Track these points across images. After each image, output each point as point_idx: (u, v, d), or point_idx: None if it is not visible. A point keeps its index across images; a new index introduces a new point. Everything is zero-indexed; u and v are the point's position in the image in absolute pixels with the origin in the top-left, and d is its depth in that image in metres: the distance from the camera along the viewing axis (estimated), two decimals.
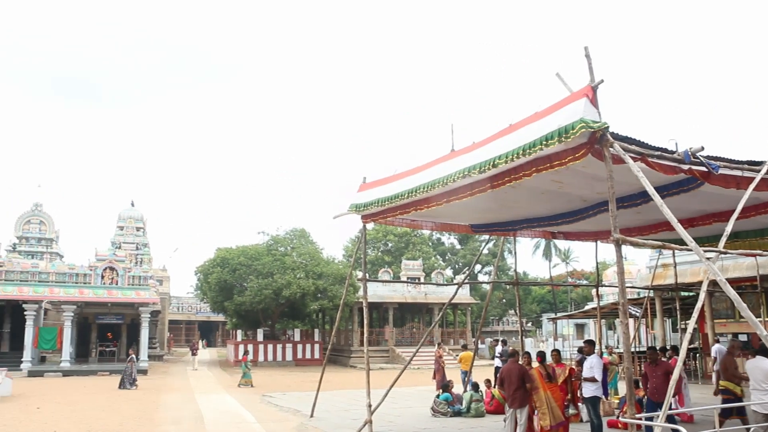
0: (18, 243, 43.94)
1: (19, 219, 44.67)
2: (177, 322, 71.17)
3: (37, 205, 45.42)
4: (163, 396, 22.67)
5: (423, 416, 16.27)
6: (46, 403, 20.43)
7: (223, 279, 39.79)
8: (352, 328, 43.82)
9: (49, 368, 33.19)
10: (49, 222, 45.34)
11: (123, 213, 51.28)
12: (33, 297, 33.26)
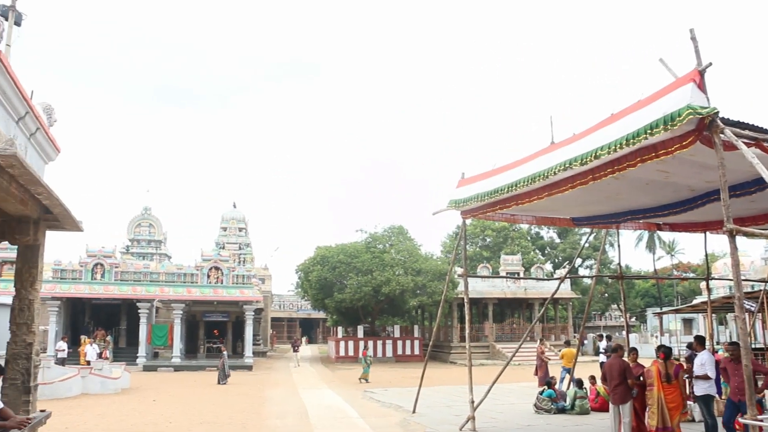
0: (130, 245, 46.20)
1: (130, 223, 46.96)
2: (279, 320, 72.96)
3: (146, 209, 47.63)
4: (268, 391, 23.30)
5: (526, 413, 16.06)
6: (160, 395, 21.40)
7: (324, 277, 40.49)
8: (452, 324, 43.69)
9: (161, 363, 34.77)
10: (158, 225, 47.44)
11: (226, 214, 52.96)
12: (146, 296, 34.88)
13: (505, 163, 11.40)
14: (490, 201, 11.70)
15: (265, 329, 52.26)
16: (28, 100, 6.83)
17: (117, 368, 24.71)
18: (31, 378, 8.09)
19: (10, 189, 6.44)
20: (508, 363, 15.21)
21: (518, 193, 10.75)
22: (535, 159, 10.32)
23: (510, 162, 11.24)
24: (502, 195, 11.11)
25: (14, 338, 8.07)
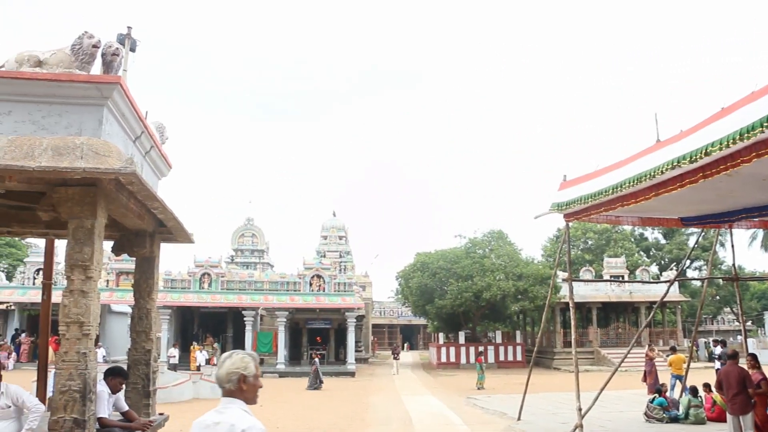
0: (235, 255, 47.75)
1: (234, 233, 48.55)
2: (380, 326, 73.50)
3: (249, 219, 49.15)
4: (371, 397, 23.52)
5: (636, 421, 15.52)
6: (266, 401, 21.95)
7: (424, 283, 40.58)
8: (554, 329, 42.84)
9: (266, 369, 35.65)
10: (260, 235, 48.82)
11: (326, 223, 53.91)
12: (250, 304, 35.96)
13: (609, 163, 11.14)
14: (594, 203, 11.43)
15: (366, 336, 52.79)
16: (143, 120, 7.20)
17: None
18: (150, 383, 8.49)
19: (128, 205, 6.81)
20: (616, 369, 14.73)
21: (624, 194, 10.46)
22: (640, 158, 10.01)
23: (614, 162, 10.97)
24: (606, 196, 10.84)
25: (134, 345, 8.50)
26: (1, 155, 5.74)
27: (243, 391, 3.43)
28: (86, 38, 6.49)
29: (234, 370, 3.41)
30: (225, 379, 3.41)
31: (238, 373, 3.41)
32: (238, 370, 3.41)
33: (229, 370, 3.41)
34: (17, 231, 9.08)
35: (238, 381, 3.41)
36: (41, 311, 8.87)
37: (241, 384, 3.42)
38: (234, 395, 3.43)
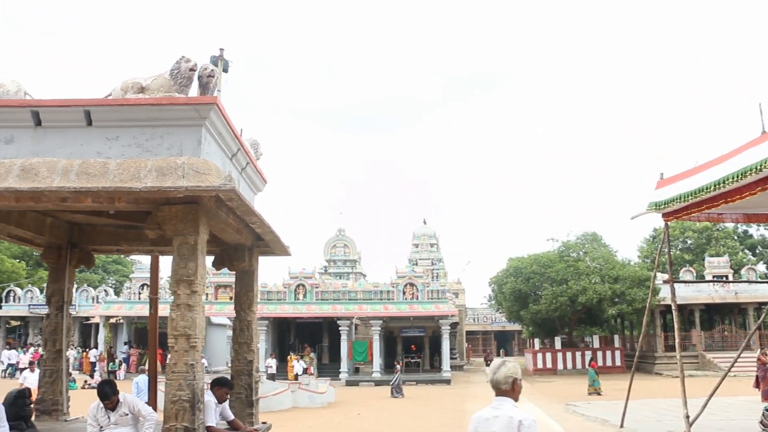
0: (327, 266, 48.51)
1: (326, 244, 49.35)
2: (474, 333, 72.98)
3: (340, 230, 49.86)
4: (468, 405, 23.37)
5: (750, 431, 14.78)
6: (364, 409, 22.21)
7: (517, 288, 40.11)
8: (654, 333, 41.41)
9: (362, 378, 36.07)
10: (352, 245, 49.43)
11: (417, 231, 54.04)
12: (345, 314, 36.44)
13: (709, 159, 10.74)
14: (694, 201, 11.05)
15: (460, 343, 52.54)
16: (239, 138, 7.46)
17: (323, 383, 25.99)
18: (253, 392, 8.75)
19: (228, 220, 7.08)
20: (726, 374, 14.07)
21: (727, 190, 10.06)
22: (743, 152, 9.62)
23: (714, 158, 10.57)
24: (708, 193, 10.46)
25: (237, 356, 8.78)
26: (111, 178, 6.09)
27: (514, 391, 4.28)
28: (183, 62, 6.79)
29: (510, 375, 4.24)
30: (503, 381, 4.25)
31: (513, 377, 4.25)
32: (513, 374, 4.25)
33: (506, 374, 4.23)
34: (125, 249, 9.57)
35: (512, 383, 4.25)
36: (149, 324, 9.27)
37: (513, 385, 4.27)
38: (506, 394, 4.26)
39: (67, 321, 9.42)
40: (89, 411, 6.77)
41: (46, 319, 9.33)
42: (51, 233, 8.72)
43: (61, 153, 6.59)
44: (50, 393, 9.29)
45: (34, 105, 6.72)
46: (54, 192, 6.11)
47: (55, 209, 7.45)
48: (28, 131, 6.75)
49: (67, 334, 9.42)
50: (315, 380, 27.05)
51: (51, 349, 9.33)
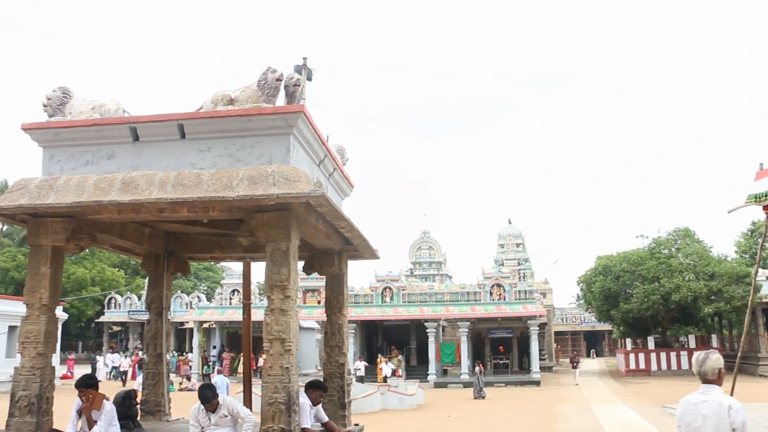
0: (413, 268, 48.66)
1: (411, 246, 49.53)
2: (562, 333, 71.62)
3: (425, 232, 49.96)
4: (559, 407, 22.97)
5: None
6: (453, 411, 22.14)
7: (607, 287, 39.14)
8: (756, 332, 39.54)
9: (451, 380, 35.96)
10: (437, 247, 49.45)
11: (502, 231, 53.55)
12: (432, 316, 36.42)
13: None
14: None
15: (549, 344, 51.68)
16: (326, 144, 7.61)
17: (411, 385, 26.04)
18: (345, 395, 8.88)
19: (317, 225, 7.22)
20: None
21: None
22: None
23: None
24: None
25: (329, 359, 8.93)
26: (205, 188, 6.32)
27: (719, 379, 4.85)
28: (270, 73, 6.97)
29: (716, 366, 4.83)
30: (710, 372, 4.83)
31: (718, 368, 4.83)
32: (717, 365, 4.84)
33: (713, 365, 4.83)
34: (218, 256, 9.90)
35: (718, 373, 4.83)
36: (243, 328, 9.55)
37: (719, 374, 4.85)
38: (713, 383, 4.84)
39: (167, 326, 9.81)
40: (191, 412, 7.04)
41: (147, 324, 9.74)
42: (149, 243, 9.10)
43: (158, 166, 6.88)
44: (153, 394, 9.69)
45: (132, 122, 7.05)
46: (152, 203, 6.40)
47: (153, 220, 7.78)
48: (127, 146, 7.08)
49: (166, 339, 9.81)
50: (404, 382, 27.12)
51: (152, 353, 9.73)
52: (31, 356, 7.11)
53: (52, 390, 7.30)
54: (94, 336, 58.58)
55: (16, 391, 7.06)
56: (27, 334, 7.13)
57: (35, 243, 7.24)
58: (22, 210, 6.91)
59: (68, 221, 7.13)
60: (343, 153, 8.82)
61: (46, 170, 7.32)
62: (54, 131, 7.28)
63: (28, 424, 6.95)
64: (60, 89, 7.64)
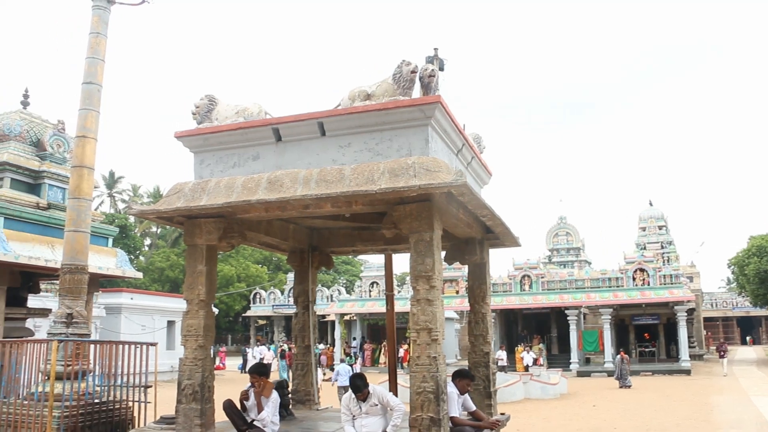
0: (550, 255, 47.65)
1: (548, 233, 48.52)
2: (712, 320, 67.76)
3: (562, 218, 48.77)
4: (713, 397, 21.76)
5: None
6: (598, 401, 21.49)
7: (763, 269, 36.66)
8: None
9: (594, 368, 34.90)
10: (574, 232, 48.15)
11: (643, 214, 51.32)
12: (572, 303, 35.53)
13: None
14: None
15: (698, 330, 49.08)
16: (463, 133, 7.58)
17: (554, 374, 25.53)
18: (490, 384, 8.84)
19: (459, 215, 7.21)
20: None
21: None
22: None
23: None
24: None
25: (473, 348, 8.93)
26: (347, 183, 6.46)
27: None
28: (404, 66, 7.02)
29: None
30: None
31: None
32: None
33: None
34: (360, 249, 10.11)
35: None
36: (387, 319, 9.69)
37: None
38: None
39: (313, 319, 10.14)
40: (342, 401, 7.25)
41: (295, 317, 10.10)
42: (294, 239, 9.43)
43: (301, 164, 7.11)
44: (303, 384, 10.06)
45: (275, 123, 7.32)
46: (298, 200, 6.61)
47: (297, 216, 8.05)
48: (271, 147, 7.37)
49: (313, 331, 10.14)
50: (546, 371, 26.64)
51: (300, 345, 10.10)
52: (192, 348, 7.57)
53: (212, 379, 7.76)
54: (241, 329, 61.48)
55: (182, 380, 7.55)
56: (188, 328, 7.60)
57: (191, 243, 7.68)
58: (178, 212, 7.35)
59: (220, 221, 7.51)
60: (479, 141, 8.76)
61: (198, 174, 7.74)
62: (203, 137, 7.70)
63: (193, 410, 7.42)
64: (206, 97, 8.06)
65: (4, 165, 12.66)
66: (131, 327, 27.75)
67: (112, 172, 61.59)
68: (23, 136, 13.42)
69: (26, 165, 12.98)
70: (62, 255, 10.07)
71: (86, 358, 9.45)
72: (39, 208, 12.65)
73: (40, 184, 13.20)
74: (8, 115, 13.63)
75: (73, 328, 9.43)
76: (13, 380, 9.16)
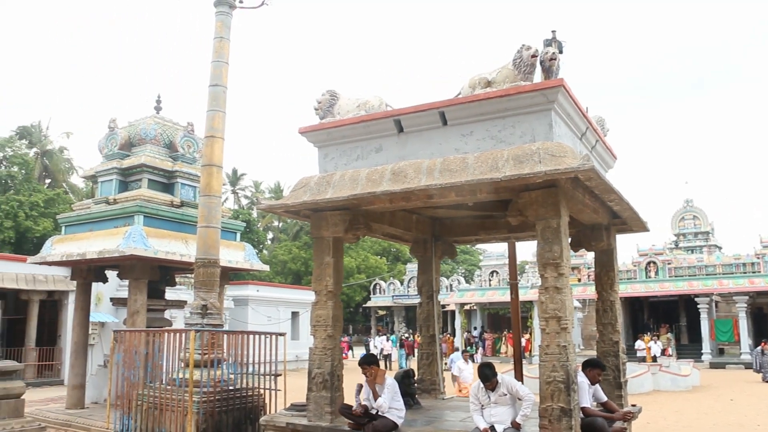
0: (676, 240, 45.62)
1: (673, 217, 46.48)
2: None
3: (688, 201, 46.58)
4: None
5: None
6: (736, 394, 20.38)
7: None
8: None
9: (728, 360, 33.09)
10: (702, 216, 45.87)
11: None
12: (703, 290, 33.84)
13: None
14: None
15: None
16: (586, 116, 7.38)
17: (685, 365, 24.45)
18: (621, 374, 8.60)
19: (584, 200, 7.03)
20: None
21: None
22: None
23: None
24: None
25: (601, 337, 8.70)
26: (471, 172, 6.45)
27: None
28: (524, 50, 6.92)
29: None
30: None
31: None
32: None
33: None
34: (483, 237, 10.07)
35: None
36: (512, 308, 9.60)
37: None
38: None
39: (438, 308, 10.19)
40: (470, 390, 7.25)
41: (419, 307, 10.19)
42: (417, 229, 9.51)
43: (423, 154, 7.16)
44: (428, 374, 10.14)
45: (396, 114, 7.40)
46: (422, 190, 6.66)
47: (421, 206, 8.11)
48: (393, 138, 7.45)
49: (438, 321, 10.19)
50: (675, 362, 25.55)
51: (425, 335, 10.18)
52: (321, 338, 7.79)
53: (341, 368, 7.97)
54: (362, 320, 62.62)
55: (312, 368, 7.79)
56: (317, 318, 7.83)
57: (318, 235, 7.90)
58: (305, 206, 7.58)
59: (345, 213, 7.68)
60: (603, 123, 8.51)
61: (322, 167, 7.95)
62: (326, 131, 7.89)
63: (324, 398, 7.65)
64: (328, 92, 8.25)
65: (142, 167, 13.45)
66: (257, 318, 28.89)
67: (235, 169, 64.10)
68: (157, 139, 14.21)
69: (161, 166, 13.72)
70: (195, 250, 10.62)
71: (220, 347, 9.94)
72: (173, 206, 13.34)
73: (173, 183, 13.93)
74: (144, 120, 14.48)
75: (208, 318, 9.93)
76: (156, 367, 9.77)
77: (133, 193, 13.16)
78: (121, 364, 9.83)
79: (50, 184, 46.07)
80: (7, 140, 42.75)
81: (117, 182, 13.74)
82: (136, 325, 12.12)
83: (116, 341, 10.12)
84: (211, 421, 8.81)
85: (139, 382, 9.57)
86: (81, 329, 13.99)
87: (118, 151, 14.05)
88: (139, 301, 12.60)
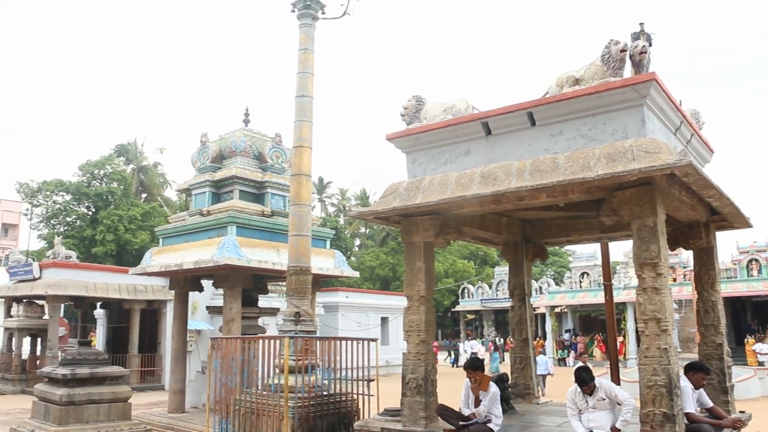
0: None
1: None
2: None
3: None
4: None
5: None
6: None
7: None
8: None
9: None
10: None
11: None
12: None
13: None
14: None
15: None
16: (680, 110, 7.12)
17: None
18: (726, 378, 8.21)
19: (681, 197, 6.78)
20: None
21: None
22: None
23: None
24: None
25: (703, 339, 8.34)
26: (562, 172, 6.33)
27: None
28: (613, 45, 6.75)
29: None
30: None
31: None
32: None
33: None
34: (574, 239, 9.85)
35: None
36: (606, 310, 9.38)
37: None
38: None
39: (530, 311, 10.04)
40: (567, 395, 7.10)
41: (511, 311, 10.06)
42: (507, 231, 9.41)
43: (512, 156, 7.08)
44: (522, 378, 10.00)
45: (483, 117, 7.35)
46: (512, 192, 6.58)
47: (511, 209, 8.02)
48: (481, 141, 7.41)
49: (530, 324, 10.03)
50: None
51: (518, 338, 10.04)
52: (415, 343, 7.80)
53: (435, 373, 7.94)
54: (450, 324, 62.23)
55: (406, 374, 7.80)
56: (410, 323, 7.84)
57: (409, 241, 7.92)
58: (395, 212, 7.62)
59: (435, 218, 7.68)
60: (698, 117, 8.20)
61: (411, 173, 7.98)
62: (414, 137, 7.92)
63: (418, 403, 7.65)
64: (414, 98, 8.28)
65: (233, 179, 13.85)
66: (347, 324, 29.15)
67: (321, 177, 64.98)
68: (247, 151, 14.60)
69: (251, 177, 14.08)
70: (287, 258, 10.83)
71: (314, 353, 10.09)
72: (264, 216, 13.66)
73: (263, 193, 14.28)
74: (233, 134, 14.92)
75: (301, 325, 10.11)
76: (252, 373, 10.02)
77: (225, 205, 13.55)
78: (218, 370, 10.11)
79: (146, 198, 48.11)
80: (107, 158, 44.93)
81: (210, 194, 14.19)
82: (232, 333, 12.45)
83: (213, 348, 10.42)
84: (306, 426, 8.95)
85: (236, 387, 9.83)
86: (180, 337, 14.50)
87: (210, 164, 14.52)
88: (234, 309, 12.95)
